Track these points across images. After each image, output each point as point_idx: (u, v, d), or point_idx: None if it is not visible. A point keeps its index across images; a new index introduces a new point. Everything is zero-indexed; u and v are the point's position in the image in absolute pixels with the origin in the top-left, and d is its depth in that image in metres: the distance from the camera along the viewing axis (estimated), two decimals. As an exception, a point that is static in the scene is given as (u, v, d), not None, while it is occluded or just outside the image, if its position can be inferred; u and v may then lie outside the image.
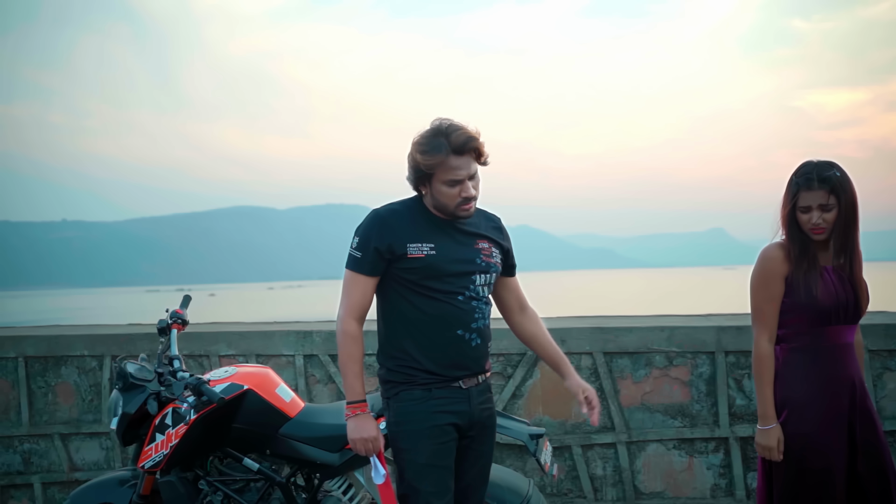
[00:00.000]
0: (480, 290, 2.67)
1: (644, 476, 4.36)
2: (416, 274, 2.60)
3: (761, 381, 2.80)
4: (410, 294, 2.63)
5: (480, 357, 2.69)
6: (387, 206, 2.70)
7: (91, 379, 4.85)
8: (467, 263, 2.65)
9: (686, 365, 4.32)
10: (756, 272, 2.83)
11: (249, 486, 3.25)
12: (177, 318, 3.41)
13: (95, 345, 4.82)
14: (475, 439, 2.72)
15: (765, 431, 2.79)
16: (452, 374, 2.64)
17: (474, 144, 2.56)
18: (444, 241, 2.63)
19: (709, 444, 4.32)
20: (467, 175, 2.57)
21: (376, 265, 2.62)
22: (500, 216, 2.89)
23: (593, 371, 4.38)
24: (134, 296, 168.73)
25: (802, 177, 2.76)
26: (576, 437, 4.38)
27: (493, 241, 2.76)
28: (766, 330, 2.81)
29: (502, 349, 4.43)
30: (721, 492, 4.31)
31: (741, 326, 4.30)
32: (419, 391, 2.63)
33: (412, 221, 2.64)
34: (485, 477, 2.81)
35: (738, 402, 4.29)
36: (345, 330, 2.66)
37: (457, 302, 2.62)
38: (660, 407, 4.35)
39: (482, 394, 2.72)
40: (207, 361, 4.70)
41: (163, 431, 3.13)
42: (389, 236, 2.60)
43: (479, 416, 2.70)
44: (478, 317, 2.66)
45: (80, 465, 4.87)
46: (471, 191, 2.59)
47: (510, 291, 2.91)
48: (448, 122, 2.59)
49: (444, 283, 2.61)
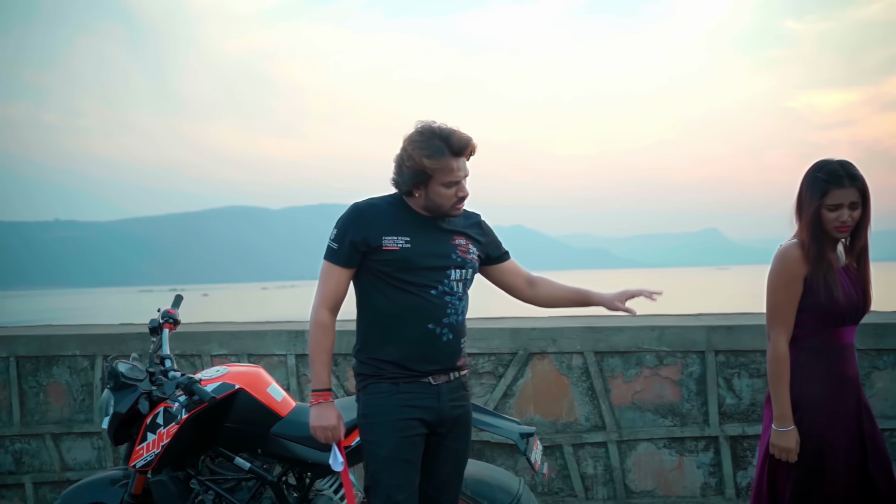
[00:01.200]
0: (455, 286, 2.70)
1: (635, 475, 4.38)
2: (390, 266, 2.64)
3: (779, 381, 2.77)
4: (384, 286, 2.67)
5: (452, 353, 2.71)
6: (367, 200, 2.74)
7: (83, 379, 4.85)
8: (442, 258, 2.68)
9: (676, 364, 4.34)
10: (776, 272, 2.80)
11: (241, 486, 3.26)
12: (168, 318, 3.42)
13: (87, 345, 4.82)
14: (447, 436, 2.74)
15: (783, 433, 2.76)
16: (422, 368, 2.66)
17: (472, 146, 2.65)
18: (420, 235, 2.68)
19: (699, 442, 4.34)
20: (464, 175, 2.66)
21: (352, 257, 2.67)
22: (482, 213, 2.93)
23: (584, 370, 4.40)
24: (127, 296, 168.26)
25: (831, 174, 2.74)
26: (567, 437, 4.40)
27: (471, 239, 2.80)
28: (785, 330, 2.78)
29: (494, 348, 4.44)
30: (711, 490, 4.34)
31: (731, 326, 4.32)
32: (386, 385, 2.66)
33: (390, 216, 2.69)
34: (459, 474, 2.83)
35: (727, 401, 4.32)
36: (316, 319, 2.72)
37: (429, 296, 2.65)
38: (650, 406, 4.37)
39: (454, 391, 2.73)
40: (199, 361, 4.71)
41: (154, 431, 3.14)
42: (366, 229, 2.65)
43: (451, 414, 2.72)
44: (450, 312, 2.68)
45: (71, 465, 4.88)
46: (466, 189, 2.67)
47: (512, 274, 2.98)
48: (438, 125, 2.64)
49: (418, 277, 2.64)
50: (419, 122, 2.66)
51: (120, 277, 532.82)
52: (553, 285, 3.02)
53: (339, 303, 2.74)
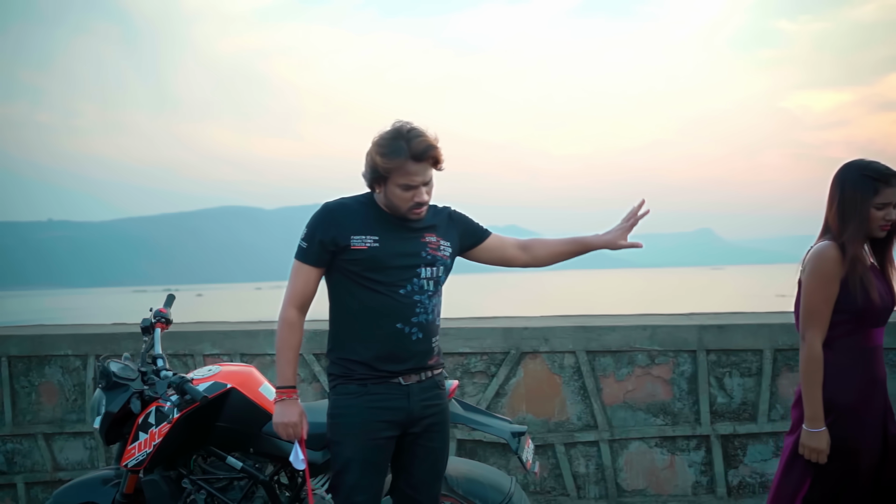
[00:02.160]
0: (426, 284, 2.69)
1: (626, 474, 4.40)
2: (359, 266, 2.65)
3: (813, 382, 2.75)
4: (353, 286, 2.67)
5: (422, 352, 2.69)
6: (338, 200, 2.75)
7: (75, 378, 4.85)
8: (411, 257, 2.68)
9: (668, 363, 4.36)
10: (815, 272, 2.77)
11: (233, 485, 3.25)
12: (160, 318, 3.42)
13: (79, 344, 4.82)
14: (423, 436, 2.73)
15: (815, 434, 2.74)
16: (391, 368, 2.66)
17: (434, 153, 2.59)
18: (388, 234, 2.67)
19: (690, 441, 4.35)
20: (422, 181, 2.61)
21: (321, 256, 2.68)
22: (477, 213, 2.93)
23: (576, 370, 4.41)
24: (122, 296, 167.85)
25: (880, 173, 2.75)
26: (559, 436, 4.41)
27: (442, 235, 2.78)
28: (821, 331, 2.76)
29: (486, 348, 4.45)
30: (702, 489, 4.35)
31: (722, 325, 4.34)
32: (354, 386, 2.67)
33: (360, 215, 2.69)
34: (437, 473, 2.82)
35: (719, 400, 4.33)
36: (283, 317, 2.74)
37: (397, 295, 2.64)
38: (642, 405, 4.39)
39: (426, 391, 2.72)
40: (192, 360, 4.70)
41: (146, 430, 3.13)
42: (335, 229, 2.66)
43: (422, 413, 2.71)
44: (419, 311, 2.67)
45: (63, 465, 4.87)
46: (423, 196, 2.63)
47: (501, 247, 2.96)
48: (409, 127, 2.61)
49: (387, 276, 2.64)
50: (397, 122, 2.64)
51: (114, 277, 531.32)
52: (548, 242, 3.00)
53: (307, 301, 2.75)
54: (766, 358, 4.28)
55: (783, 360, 4.30)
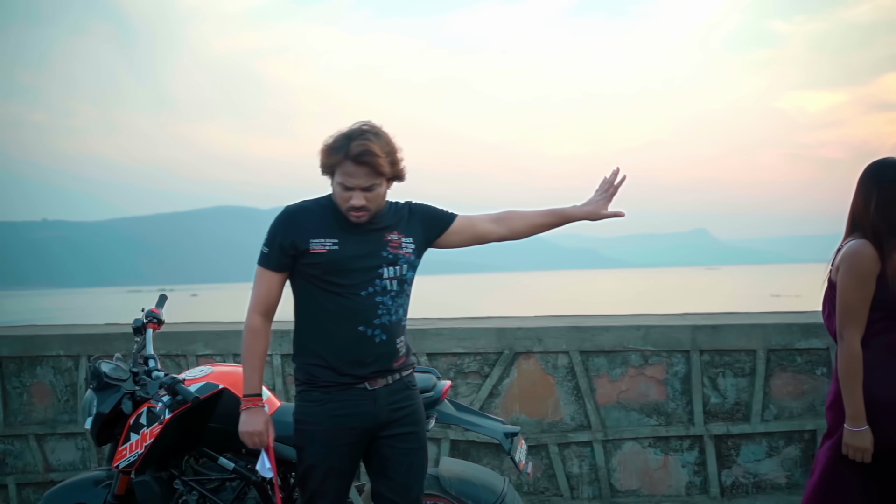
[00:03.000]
0: (388, 285, 2.65)
1: (620, 474, 4.40)
2: (319, 269, 2.63)
3: (854, 381, 2.74)
4: (315, 290, 2.66)
5: (386, 354, 2.66)
6: (299, 203, 2.73)
7: (67, 379, 4.83)
8: (372, 257, 2.64)
9: (661, 364, 4.36)
10: (852, 271, 2.76)
11: (225, 486, 3.24)
12: (152, 318, 3.40)
13: (71, 345, 4.80)
14: (396, 439, 2.70)
15: (858, 433, 2.73)
16: (355, 372, 2.64)
17: (368, 159, 2.52)
18: (348, 236, 2.65)
19: (684, 441, 4.35)
20: (358, 185, 2.56)
21: (281, 261, 2.67)
22: (410, 199, 2.85)
23: (569, 370, 4.40)
24: (117, 296, 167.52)
25: None
26: (552, 436, 4.41)
27: (404, 232, 2.74)
28: (860, 330, 2.76)
29: (479, 348, 4.45)
30: (696, 489, 4.35)
31: (716, 325, 4.34)
32: (318, 393, 2.66)
33: (319, 218, 2.66)
34: (418, 475, 2.77)
35: (712, 400, 4.34)
36: (248, 324, 2.73)
37: (358, 297, 2.62)
38: (635, 405, 4.38)
39: (395, 394, 2.69)
40: (185, 361, 4.69)
41: (137, 431, 3.11)
42: (293, 233, 2.64)
43: (391, 417, 2.68)
44: (381, 312, 2.64)
45: (55, 466, 4.85)
46: (359, 201, 2.58)
47: (471, 226, 2.86)
48: (362, 129, 2.57)
49: (347, 278, 2.62)
50: (364, 123, 2.60)
51: (109, 277, 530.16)
52: (525, 214, 2.91)
53: (271, 307, 2.74)
54: (760, 358, 4.28)
55: (776, 360, 4.30)
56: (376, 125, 2.61)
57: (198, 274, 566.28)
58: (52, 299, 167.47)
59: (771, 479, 4.31)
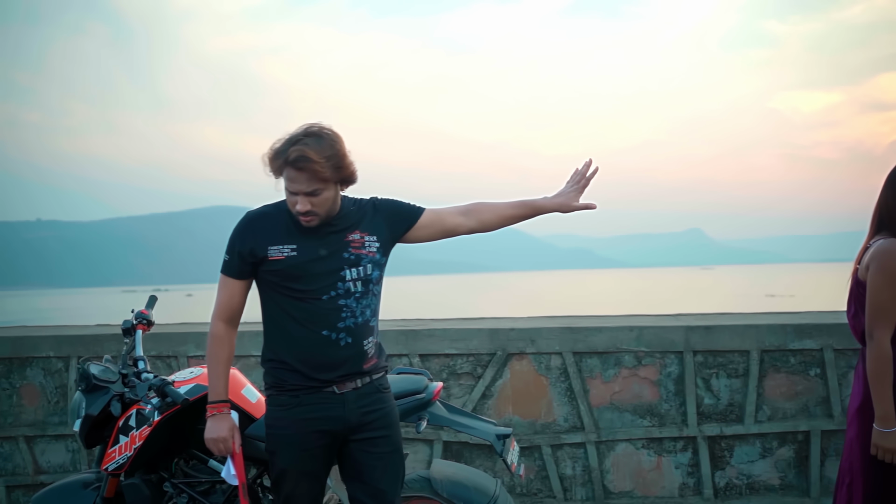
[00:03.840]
0: (352, 286, 2.61)
1: (613, 475, 4.38)
2: (278, 276, 2.61)
3: (884, 381, 2.71)
4: (278, 296, 2.64)
5: (353, 357, 2.63)
6: (260, 209, 2.71)
7: (57, 380, 4.79)
8: (332, 260, 2.61)
9: (655, 364, 4.34)
10: (883, 270, 2.73)
11: (215, 489, 3.22)
12: (142, 319, 3.37)
13: (62, 346, 4.76)
14: (368, 443, 2.68)
15: (889, 434, 2.71)
16: (323, 376, 2.62)
17: (305, 165, 2.47)
18: (307, 240, 2.61)
19: (677, 443, 4.34)
20: (301, 190, 2.52)
21: (241, 268, 2.66)
22: (375, 195, 2.81)
23: (563, 371, 4.39)
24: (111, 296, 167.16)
25: None
26: (545, 437, 4.39)
27: (367, 230, 2.69)
28: (890, 329, 2.73)
29: (472, 349, 4.43)
30: (689, 491, 4.34)
31: (709, 326, 4.33)
32: (286, 397, 2.65)
33: (278, 223, 2.64)
34: (394, 479, 2.74)
35: (706, 401, 4.32)
36: (211, 332, 2.73)
37: (320, 302, 2.59)
38: (629, 406, 4.37)
39: (365, 397, 2.67)
40: (175, 362, 4.66)
41: (126, 433, 3.09)
42: (252, 240, 2.62)
43: (362, 421, 2.66)
44: (345, 315, 2.61)
45: (45, 468, 4.81)
46: (302, 207, 2.54)
47: (439, 220, 2.80)
48: (304, 133, 2.53)
49: (307, 284, 2.59)
50: (314, 125, 2.56)
51: (104, 278, 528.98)
52: (495, 206, 2.84)
53: (234, 314, 2.73)
54: (753, 359, 4.27)
55: (770, 361, 4.29)
56: (325, 127, 2.55)
57: (194, 274, 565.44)
58: (47, 299, 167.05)
59: (764, 480, 4.30)
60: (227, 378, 2.76)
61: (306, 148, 2.48)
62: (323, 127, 2.56)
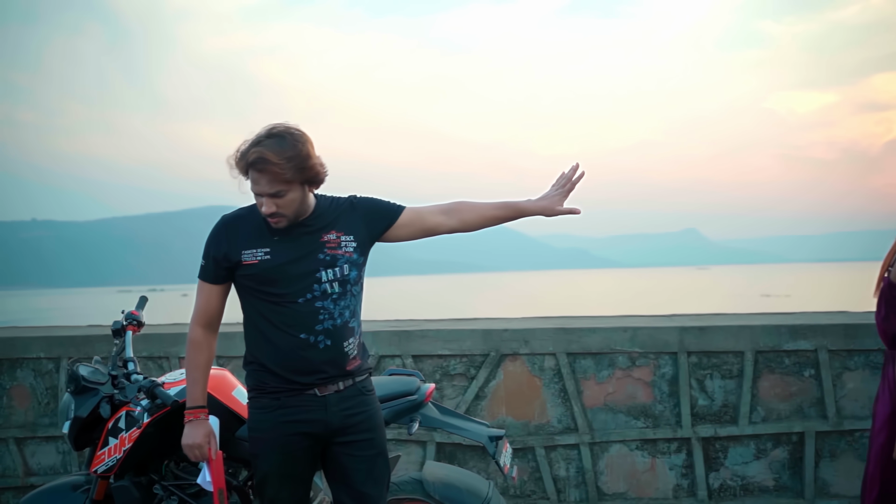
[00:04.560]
0: (328, 288, 2.57)
1: (607, 477, 4.36)
2: (253, 280, 2.59)
3: None
4: (255, 300, 2.62)
5: (334, 360, 2.60)
6: (234, 212, 2.68)
7: (47, 382, 4.76)
8: (307, 262, 2.57)
9: (649, 365, 4.33)
10: None
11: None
12: (132, 320, 3.35)
13: (52, 347, 4.73)
14: (352, 446, 2.65)
15: None
16: (303, 380, 2.59)
17: (263, 167, 2.44)
18: (281, 243, 2.58)
19: (671, 444, 4.32)
20: (263, 192, 2.49)
21: (217, 273, 2.64)
22: (354, 193, 2.76)
23: (556, 372, 4.37)
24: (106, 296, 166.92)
25: None
26: (539, 438, 4.37)
27: (343, 230, 2.64)
28: None
29: (465, 350, 4.41)
30: (683, 492, 4.32)
31: (704, 327, 4.31)
32: (267, 399, 2.62)
33: (253, 227, 2.61)
34: (379, 482, 2.71)
35: (700, 402, 4.31)
36: (189, 337, 2.72)
37: (296, 305, 2.56)
38: (623, 408, 4.35)
39: (348, 399, 2.63)
40: (167, 363, 4.63)
41: (116, 435, 3.06)
42: (225, 245, 2.60)
43: (345, 424, 2.63)
44: (322, 318, 2.57)
45: (35, 470, 4.78)
46: (267, 209, 2.51)
47: (419, 219, 2.74)
48: (267, 134, 2.49)
49: (283, 287, 2.56)
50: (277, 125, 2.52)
51: (99, 278, 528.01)
52: (477, 206, 2.76)
53: (212, 319, 2.71)
54: (748, 360, 4.26)
55: (764, 361, 4.27)
56: (291, 128, 2.52)
57: (190, 274, 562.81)
58: (42, 299, 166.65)
59: (759, 481, 4.28)
60: (206, 384, 2.74)
61: (266, 149, 2.45)
62: (289, 127, 2.52)
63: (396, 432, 4.29)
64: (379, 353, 4.44)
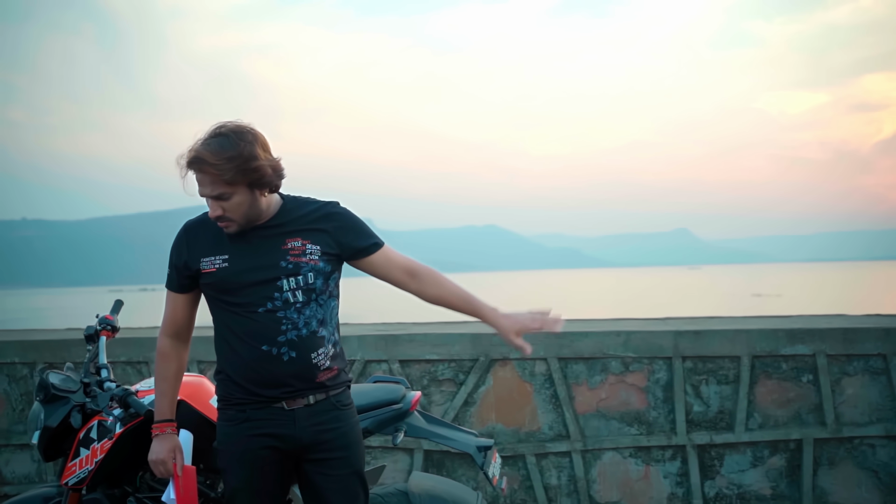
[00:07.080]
0: (291, 297, 2.43)
1: (600, 485, 4.25)
2: (212, 289, 2.48)
3: None
4: (217, 310, 2.51)
5: (300, 372, 2.45)
6: (197, 218, 2.57)
7: (22, 387, 4.62)
8: (267, 269, 2.43)
9: (642, 371, 4.22)
10: None
11: None
12: (106, 325, 3.22)
13: (27, 351, 4.59)
14: (325, 464, 2.50)
15: None
16: (268, 393, 2.46)
17: (200, 167, 2.33)
18: (240, 250, 2.46)
19: (666, 451, 4.22)
20: (206, 194, 2.38)
21: (181, 282, 2.55)
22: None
23: (547, 377, 4.26)
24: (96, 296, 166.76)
25: None
26: (529, 446, 4.26)
27: (309, 237, 2.49)
28: None
29: (454, 355, 4.29)
30: (678, 500, 4.22)
31: (699, 331, 4.21)
32: (233, 411, 2.51)
33: (213, 233, 2.49)
34: (350, 498, 2.56)
35: (695, 408, 4.20)
36: (157, 348, 2.65)
37: (256, 315, 2.42)
38: (616, 414, 4.24)
39: (319, 415, 2.48)
40: (147, 368, 4.50)
41: (87, 446, 2.95)
42: (185, 253, 2.51)
43: (316, 440, 2.48)
44: (285, 328, 2.42)
45: (9, 479, 4.64)
46: (212, 212, 2.40)
47: (385, 267, 2.58)
48: (210, 135, 2.36)
49: (242, 297, 2.44)
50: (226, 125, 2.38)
51: (89, 277, 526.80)
52: (441, 285, 2.60)
53: (180, 328, 2.62)
54: (744, 365, 4.15)
55: (761, 367, 4.17)
56: (240, 126, 2.38)
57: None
58: (31, 299, 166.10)
59: (755, 490, 4.18)
60: (175, 396, 2.64)
61: (204, 149, 2.33)
62: (239, 126, 2.38)
63: (382, 440, 4.17)
64: (365, 358, 4.33)
